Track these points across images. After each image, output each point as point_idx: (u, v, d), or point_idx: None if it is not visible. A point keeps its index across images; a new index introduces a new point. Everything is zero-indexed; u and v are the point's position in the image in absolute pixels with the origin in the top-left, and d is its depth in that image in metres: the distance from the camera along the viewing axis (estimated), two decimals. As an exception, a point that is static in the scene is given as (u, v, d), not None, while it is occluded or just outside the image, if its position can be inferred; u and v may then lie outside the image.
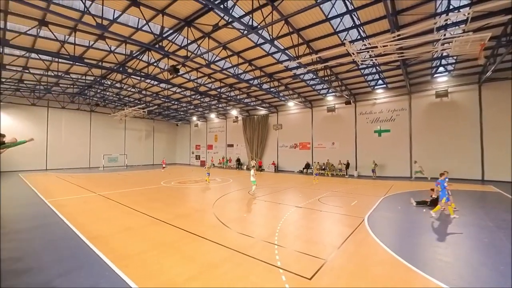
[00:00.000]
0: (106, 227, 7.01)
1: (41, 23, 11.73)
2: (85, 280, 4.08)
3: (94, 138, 31.75)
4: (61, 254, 5.21)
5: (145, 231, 6.63)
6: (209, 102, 27.91)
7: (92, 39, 13.89)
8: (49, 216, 8.22)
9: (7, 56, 15.39)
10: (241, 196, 12.03)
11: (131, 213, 8.58)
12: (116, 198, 11.28)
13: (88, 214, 8.57)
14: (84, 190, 13.54)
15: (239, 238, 6.11)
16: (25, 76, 20.20)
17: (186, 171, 27.51)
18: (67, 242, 5.89)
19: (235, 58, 15.73)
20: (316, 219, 8.03)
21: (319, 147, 25.19)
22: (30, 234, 6.52)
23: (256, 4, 10.07)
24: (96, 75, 20.25)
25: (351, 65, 16.09)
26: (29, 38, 13.12)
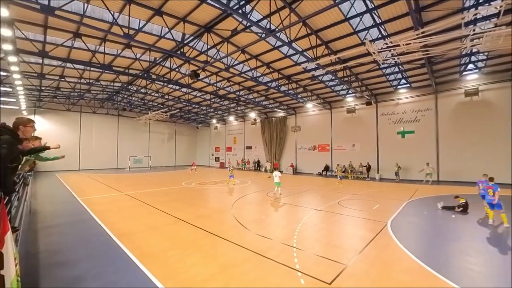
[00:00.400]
0: (132, 225, 7.31)
1: (75, 35, 12.61)
2: (113, 275, 4.27)
3: (121, 141, 33.42)
4: (92, 249, 5.51)
5: (167, 230, 6.83)
6: (228, 105, 28.31)
7: (119, 48, 14.66)
8: (82, 213, 8.74)
9: (46, 66, 16.70)
10: (259, 198, 12.02)
11: (154, 212, 8.89)
12: (140, 197, 11.75)
13: (116, 212, 9.00)
14: (112, 190, 14.26)
15: (258, 239, 6.10)
16: (61, 84, 21.77)
17: (206, 172, 28.04)
18: (97, 238, 6.21)
19: (253, 61, 15.84)
20: (336, 222, 7.81)
21: (338, 149, 24.56)
22: (66, 229, 6.98)
23: (273, 8, 10.08)
24: (123, 81, 21.33)
25: (372, 64, 15.56)
26: (65, 49, 14.11)
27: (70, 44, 13.40)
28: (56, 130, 27.71)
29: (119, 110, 32.48)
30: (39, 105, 26.85)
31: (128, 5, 10.25)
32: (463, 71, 16.97)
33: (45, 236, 6.34)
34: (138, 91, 22.53)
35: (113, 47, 14.44)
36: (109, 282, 4.05)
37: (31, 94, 23.21)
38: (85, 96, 25.79)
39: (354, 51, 12.08)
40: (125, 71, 17.29)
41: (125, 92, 24.85)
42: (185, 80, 19.71)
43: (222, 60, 14.62)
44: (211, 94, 22.96)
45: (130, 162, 32.41)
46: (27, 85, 19.27)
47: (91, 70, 17.96)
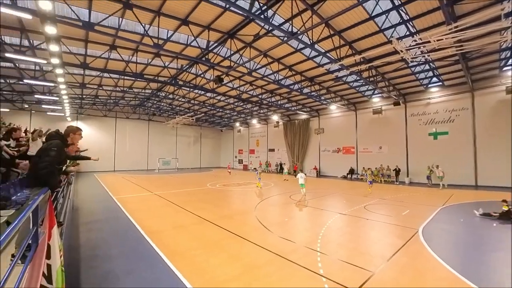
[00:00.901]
0: (160, 223, 7.64)
1: (111, 48, 13.59)
2: (144, 270, 4.49)
3: (151, 144, 35.19)
4: (125, 245, 5.85)
5: (193, 229, 7.03)
6: (251, 108, 28.56)
7: (150, 57, 15.52)
8: (116, 211, 9.33)
9: (87, 76, 18.19)
10: (282, 201, 11.92)
11: (181, 212, 9.21)
12: (168, 197, 12.24)
13: (146, 211, 9.48)
14: (142, 190, 15.04)
15: (281, 242, 6.04)
16: (99, 92, 23.56)
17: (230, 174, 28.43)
18: (130, 234, 6.59)
19: (275, 64, 15.84)
20: (362, 227, 7.48)
21: (364, 151, 23.55)
22: (102, 225, 7.49)
23: (295, 10, 10.02)
24: (153, 88, 22.51)
25: (400, 63, 14.77)
26: (103, 61, 15.26)
27: (107, 56, 14.46)
28: (95, 134, 30.04)
29: (149, 115, 34.32)
30: (81, 111, 29.29)
31: (158, 17, 10.83)
32: (503, 66, 15.43)
33: (85, 231, 6.86)
34: (166, 97, 23.66)
35: (144, 56, 15.33)
36: (140, 277, 4.27)
37: (74, 102, 25.41)
38: (120, 103, 27.65)
39: (380, 50, 11.59)
40: (155, 79, 18.25)
41: (154, 98, 26.23)
42: (210, 85, 20.26)
43: (245, 65, 14.81)
44: (234, 98, 23.33)
45: (159, 164, 33.99)
46: (71, 94, 21.12)
47: (125, 79, 19.19)
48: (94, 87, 20.12)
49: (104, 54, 14.00)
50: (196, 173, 29.38)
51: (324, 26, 11.18)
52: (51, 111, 26.19)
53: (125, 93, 22.39)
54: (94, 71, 16.65)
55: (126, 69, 16.25)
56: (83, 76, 18.23)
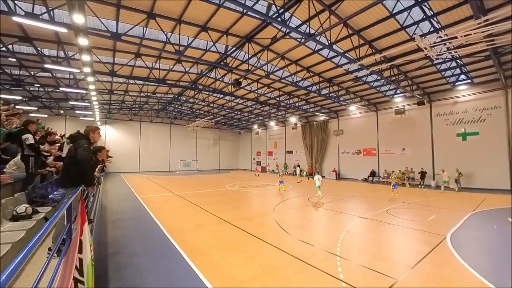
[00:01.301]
0: (181, 222, 7.85)
1: (137, 56, 14.29)
2: (165, 267, 4.64)
3: (173, 146, 36.37)
4: (149, 242, 6.09)
5: (212, 229, 7.14)
6: (269, 110, 28.56)
7: (171, 63, 16.10)
8: (141, 210, 9.73)
9: (115, 83, 19.26)
10: (301, 203, 11.75)
11: (200, 212, 9.40)
12: (189, 198, 12.55)
13: (168, 210, 9.79)
14: (165, 190, 15.56)
15: (299, 245, 5.95)
16: (125, 98, 24.81)
17: (248, 176, 28.56)
18: (153, 233, 6.84)
19: (293, 66, 15.74)
20: (384, 232, 7.16)
21: (386, 153, 22.58)
22: (128, 223, 7.85)
23: (312, 12, 9.91)
24: (174, 93, 23.32)
25: (424, 61, 14.03)
26: (129, 68, 16.08)
27: (132, 63, 15.22)
28: (121, 137, 31.69)
29: (171, 119, 35.56)
30: (109, 116, 31.03)
31: (179, 25, 11.24)
32: (543, 61, 14.10)
33: (112, 229, 7.23)
34: (187, 101, 24.38)
35: (166, 63, 15.93)
36: (162, 273, 4.41)
37: (103, 107, 26.98)
38: (144, 107, 28.96)
39: (402, 48, 11.08)
40: (176, 84, 18.88)
41: (176, 102, 27.12)
42: (228, 88, 20.56)
43: (262, 68, 14.88)
44: (252, 101, 23.49)
45: (180, 166, 35.03)
46: (100, 100, 22.44)
47: (148, 84, 20.05)
48: (121, 93, 21.25)
49: (130, 62, 14.75)
50: (215, 175, 29.85)
51: (342, 26, 10.94)
52: (83, 116, 28.01)
53: (149, 98, 23.40)
54: (121, 78, 17.58)
55: (150, 75, 16.98)
56: (111, 83, 19.32)
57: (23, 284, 1.42)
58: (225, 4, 10.09)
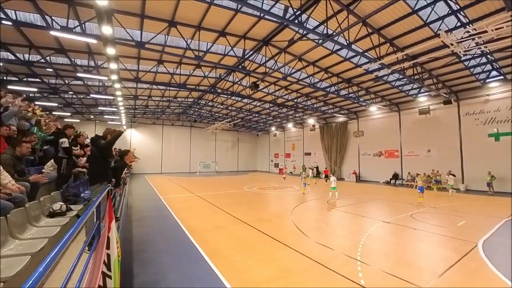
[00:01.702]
0: (201, 223, 8.01)
1: (159, 62, 14.89)
2: (186, 265, 4.75)
3: (193, 148, 37.33)
4: (171, 241, 6.28)
5: (231, 230, 7.21)
6: (287, 112, 28.39)
7: (191, 69, 16.58)
8: (163, 210, 10.07)
9: (139, 89, 20.20)
10: (319, 205, 11.51)
11: (220, 213, 9.53)
12: (208, 199, 12.77)
13: (189, 210, 10.03)
14: (185, 191, 15.98)
15: (318, 248, 5.82)
16: (149, 103, 25.92)
17: (266, 178, 28.53)
18: (174, 232, 7.04)
19: (310, 68, 15.53)
20: (408, 237, 6.80)
21: (410, 155, 21.47)
22: (151, 222, 8.15)
23: (330, 12, 9.73)
24: (194, 97, 23.95)
25: (450, 58, 13.22)
26: (152, 74, 16.80)
27: (155, 70, 15.88)
28: (145, 140, 33.14)
29: (191, 122, 36.56)
30: (134, 120, 32.56)
31: (198, 31, 11.56)
32: None
33: (136, 227, 7.54)
34: (206, 105, 24.95)
35: (186, 68, 16.44)
36: (183, 271, 4.52)
37: (129, 112, 28.37)
38: (166, 111, 30.06)
39: (426, 45, 10.55)
40: (196, 88, 19.41)
41: (196, 106, 27.86)
42: (246, 91, 20.74)
43: (279, 70, 14.85)
44: (270, 103, 23.49)
45: (200, 167, 35.83)
46: (126, 105, 23.62)
47: (170, 89, 20.79)
48: (145, 98, 22.24)
49: (153, 68, 15.41)
50: (234, 176, 30.15)
51: (361, 25, 10.64)
52: (111, 120, 29.65)
53: (170, 102, 24.27)
54: (145, 84, 18.40)
55: (171, 81, 17.60)
56: (136, 89, 20.29)
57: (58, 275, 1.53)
58: (243, 9, 10.24)
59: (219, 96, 22.55)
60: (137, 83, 18.25)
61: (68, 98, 21.60)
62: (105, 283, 1.73)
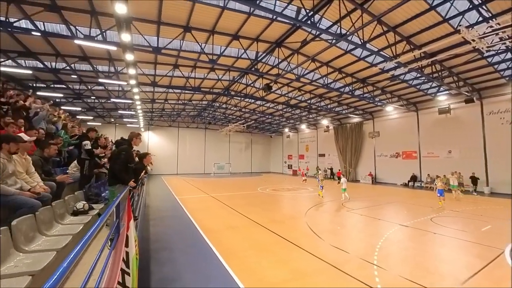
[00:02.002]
0: (215, 223, 8.09)
1: (174, 67, 15.28)
2: (201, 265, 4.81)
3: (207, 150, 37.89)
4: (186, 240, 6.38)
5: (245, 231, 7.22)
6: (300, 113, 28.14)
7: (206, 72, 16.87)
8: (179, 209, 10.28)
9: (156, 93, 20.82)
10: (334, 207, 11.28)
11: (234, 214, 9.58)
12: (222, 199, 12.89)
13: (203, 211, 10.17)
14: (200, 191, 16.22)
15: (333, 251, 5.70)
16: (165, 106, 26.64)
17: (279, 179, 28.39)
18: (190, 231, 7.15)
19: (324, 68, 15.32)
20: (428, 242, 6.50)
21: (429, 156, 20.56)
22: (167, 221, 8.35)
23: (343, 12, 9.56)
24: (208, 100, 24.34)
25: (471, 54, 12.53)
26: (168, 79, 17.27)
27: (171, 74, 16.31)
28: (161, 142, 34.07)
29: (205, 124, 37.19)
30: (151, 123, 33.57)
31: (212, 35, 11.76)
32: None
33: (153, 226, 7.74)
34: (220, 107, 25.26)
35: (201, 72, 16.76)
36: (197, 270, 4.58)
37: (146, 115, 29.29)
38: (181, 114, 30.75)
39: (445, 42, 10.13)
40: (210, 91, 19.72)
41: (210, 108, 28.29)
42: (259, 93, 20.80)
43: (292, 71, 14.76)
44: (283, 105, 23.40)
45: (214, 168, 36.26)
46: (144, 109, 24.43)
47: (185, 93, 21.26)
48: (161, 102, 22.87)
49: (169, 72, 15.83)
50: (247, 177, 30.24)
51: (376, 24, 10.36)
52: (130, 123, 30.75)
53: (185, 105, 24.83)
54: (161, 88, 18.94)
55: (186, 84, 17.99)
56: (153, 93, 20.93)
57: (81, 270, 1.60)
58: (255, 12, 10.30)
59: (232, 98, 22.76)
60: (154, 87, 18.81)
61: (90, 102, 22.68)
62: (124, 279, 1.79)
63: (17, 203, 2.48)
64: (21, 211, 2.44)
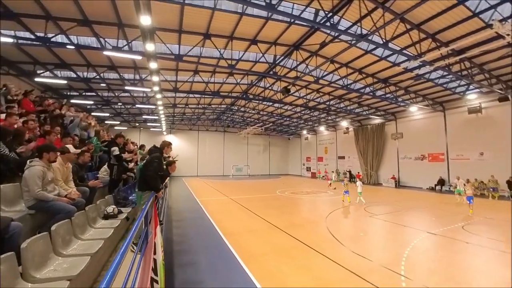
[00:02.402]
0: (235, 226, 8.12)
1: (195, 73, 15.68)
2: (223, 269, 4.83)
3: (226, 152, 38.41)
4: (207, 242, 6.46)
5: (265, 235, 7.17)
6: (318, 115, 27.62)
7: (224, 77, 17.14)
8: (199, 211, 10.46)
9: (177, 98, 21.49)
10: (355, 212, 10.88)
11: (253, 217, 9.56)
12: (242, 202, 12.94)
13: (223, 213, 10.26)
14: (220, 194, 16.42)
15: (355, 258, 5.48)
16: (186, 110, 27.41)
17: (298, 182, 28.00)
18: (210, 234, 7.23)
19: (343, 69, 14.93)
20: (461, 252, 6.03)
21: (458, 158, 19.18)
22: (189, 223, 8.52)
23: (363, 12, 9.25)
24: (227, 103, 24.67)
25: (505, 49, 11.52)
26: (188, 84, 17.76)
27: (191, 80, 16.76)
28: (182, 145, 35.07)
29: (224, 127, 37.78)
30: (172, 127, 34.74)
31: (230, 41, 11.92)
32: None
33: (175, 228, 7.92)
34: (238, 110, 25.50)
35: (220, 76, 17.04)
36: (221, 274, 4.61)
37: (168, 119, 30.35)
38: (201, 118, 31.47)
39: (475, 38, 9.41)
40: (229, 95, 19.99)
41: (229, 112, 28.67)
42: (277, 96, 20.70)
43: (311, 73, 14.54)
44: (301, 107, 23.10)
45: (233, 170, 36.63)
46: (166, 113, 25.31)
47: (205, 97, 21.73)
48: (182, 106, 23.57)
49: (189, 78, 16.27)
50: (266, 180, 30.17)
51: (399, 22, 9.92)
52: (153, 127, 32.02)
53: (205, 109, 25.36)
54: (182, 93, 19.52)
55: (206, 89, 18.39)
56: (175, 98, 21.62)
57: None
58: (273, 16, 10.29)
59: (250, 101, 22.88)
60: (176, 93, 19.43)
61: (117, 108, 23.92)
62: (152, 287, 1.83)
63: (55, 208, 2.67)
64: (59, 217, 2.61)
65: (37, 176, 2.69)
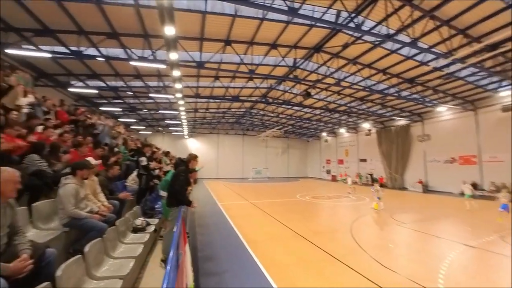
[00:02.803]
0: (257, 232, 7.95)
1: (215, 78, 15.83)
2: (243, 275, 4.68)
3: (245, 155, 38.52)
4: (229, 249, 6.35)
5: (288, 243, 6.91)
6: (339, 117, 26.76)
7: (244, 81, 17.14)
8: (220, 216, 10.45)
9: (198, 103, 21.89)
10: (382, 220, 10.24)
11: (275, 223, 9.32)
12: (262, 206, 12.74)
13: (245, 218, 10.13)
14: (240, 197, 16.38)
15: (387, 273, 5.06)
16: (206, 114, 27.87)
17: (318, 185, 27.27)
18: (232, 240, 7.11)
19: (366, 70, 14.28)
20: (504, 268, 5.37)
21: (492, 161, 17.51)
22: (211, 229, 8.49)
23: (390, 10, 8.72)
24: (246, 107, 24.71)
25: (552, 42, 10.33)
26: (209, 90, 17.99)
27: (212, 85, 16.95)
28: (203, 148, 35.72)
29: (243, 130, 37.96)
30: (193, 131, 35.50)
31: (251, 46, 11.85)
32: None
33: (198, 234, 7.89)
34: (257, 114, 25.43)
35: (239, 81, 17.08)
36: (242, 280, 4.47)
37: (189, 123, 31.02)
38: (221, 122, 31.84)
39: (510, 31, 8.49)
40: (248, 99, 19.97)
41: (248, 115, 28.72)
42: (297, 99, 20.34)
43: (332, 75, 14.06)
44: (321, 109, 22.50)
45: (252, 173, 36.63)
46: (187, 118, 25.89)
47: (225, 101, 21.92)
48: (203, 111, 23.97)
49: (210, 84, 16.46)
50: (285, 183, 29.75)
51: (427, 20, 9.24)
52: (175, 131, 32.94)
53: (225, 113, 25.60)
54: (203, 99, 19.83)
55: (225, 94, 18.52)
56: (196, 103, 22.05)
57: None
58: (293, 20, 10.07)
59: (269, 105, 22.71)
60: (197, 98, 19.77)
61: (142, 114, 24.87)
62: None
63: (88, 226, 2.69)
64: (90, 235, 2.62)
65: (71, 194, 2.74)
